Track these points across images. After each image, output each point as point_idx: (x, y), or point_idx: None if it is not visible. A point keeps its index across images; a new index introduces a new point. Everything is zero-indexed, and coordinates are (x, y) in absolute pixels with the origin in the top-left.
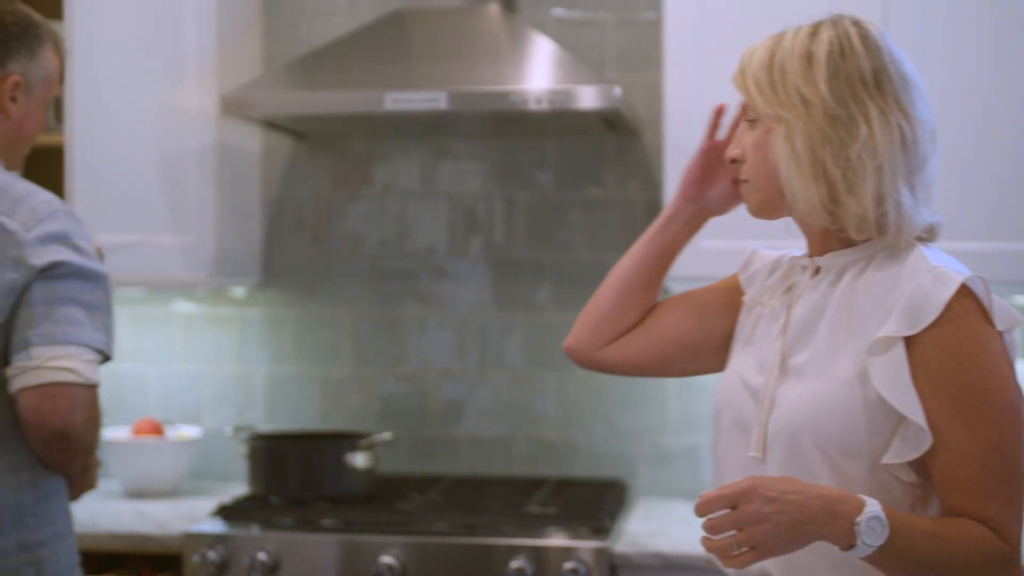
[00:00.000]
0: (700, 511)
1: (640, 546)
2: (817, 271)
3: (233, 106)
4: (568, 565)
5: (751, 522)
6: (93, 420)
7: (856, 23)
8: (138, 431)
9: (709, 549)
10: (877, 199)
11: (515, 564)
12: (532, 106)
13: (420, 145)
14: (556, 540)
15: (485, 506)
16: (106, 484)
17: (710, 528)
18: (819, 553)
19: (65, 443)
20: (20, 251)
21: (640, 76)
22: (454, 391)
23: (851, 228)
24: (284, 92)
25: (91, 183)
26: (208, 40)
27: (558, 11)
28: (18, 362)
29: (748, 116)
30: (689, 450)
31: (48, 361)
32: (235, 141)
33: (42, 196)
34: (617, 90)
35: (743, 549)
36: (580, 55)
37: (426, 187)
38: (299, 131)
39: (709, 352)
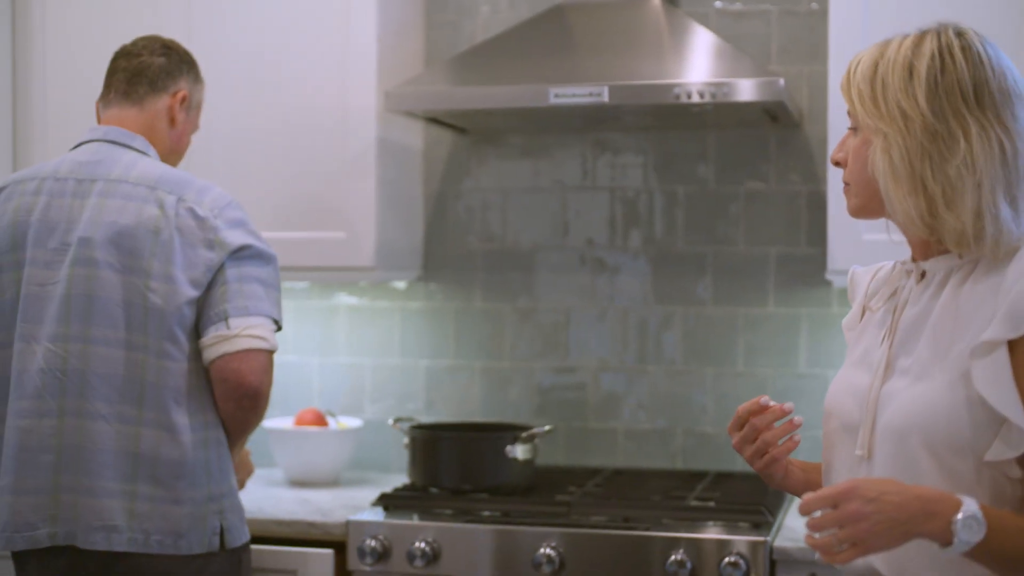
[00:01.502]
0: (803, 510)
1: (801, 541)
2: (923, 276)
3: (396, 102)
4: (728, 559)
5: (852, 520)
6: (271, 382)
7: (960, 34)
8: (301, 421)
9: (813, 546)
10: (976, 214)
11: (674, 557)
12: (694, 99)
13: (581, 139)
14: (715, 534)
15: (644, 499)
16: (270, 472)
17: (813, 526)
18: (922, 550)
19: (255, 401)
20: (215, 235)
21: (803, 68)
22: (613, 384)
23: (949, 241)
24: (446, 88)
25: (257, 178)
26: (370, 37)
27: (719, 3)
28: (217, 331)
29: (852, 123)
30: None
31: (244, 330)
32: (397, 136)
33: (216, 187)
34: (780, 82)
35: (845, 546)
36: (742, 47)
37: (586, 181)
38: (460, 126)
39: None
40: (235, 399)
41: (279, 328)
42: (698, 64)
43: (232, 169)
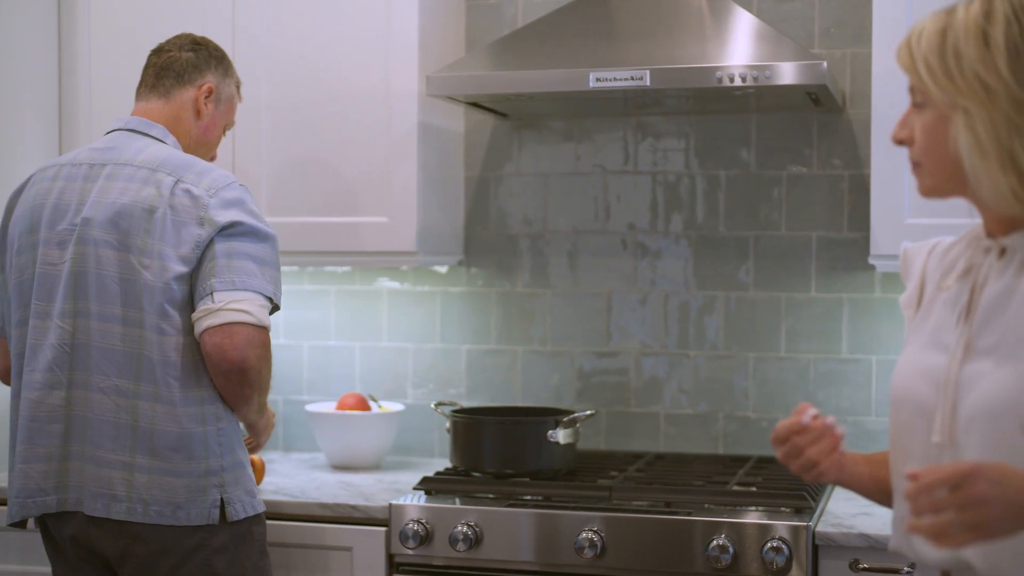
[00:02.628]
0: (919, 492)
1: (844, 527)
2: (1002, 252)
3: (437, 86)
4: (770, 544)
5: (975, 503)
6: (266, 358)
7: None
8: (343, 405)
9: (919, 530)
10: None
11: (716, 541)
12: (736, 83)
13: (622, 123)
14: (757, 518)
15: (685, 483)
16: (313, 456)
17: (930, 508)
18: (1019, 544)
19: (243, 376)
20: (205, 212)
21: (847, 51)
22: (654, 368)
23: None
24: (487, 72)
25: (300, 163)
26: (412, 22)
27: None
28: (203, 306)
29: (916, 99)
30: None
31: (228, 304)
32: (439, 121)
33: (220, 171)
34: (823, 65)
35: (960, 530)
36: (785, 30)
37: (628, 165)
38: (501, 110)
39: None
40: (223, 373)
41: (276, 307)
42: (740, 47)
43: (275, 155)
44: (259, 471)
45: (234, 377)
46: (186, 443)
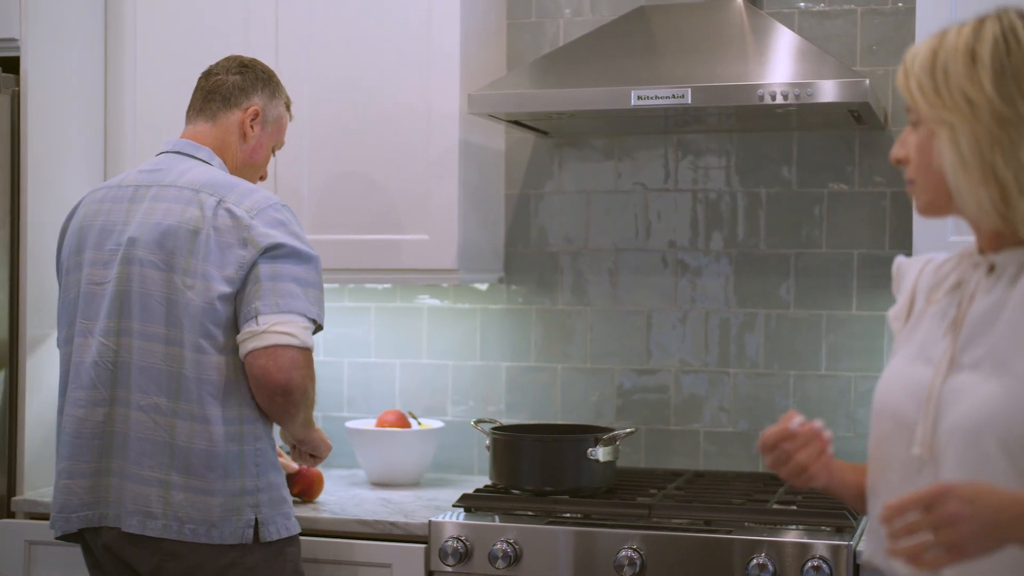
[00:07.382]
0: (891, 515)
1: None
2: (991, 268)
3: (478, 105)
4: (810, 563)
5: (949, 523)
6: (310, 377)
7: (1023, 15)
8: (383, 422)
9: (897, 554)
10: None
11: (756, 560)
12: (778, 100)
13: (663, 141)
14: (797, 537)
15: (725, 501)
16: (352, 473)
17: (904, 531)
18: (997, 560)
19: (288, 396)
20: (248, 233)
21: (890, 68)
22: (694, 386)
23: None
24: (528, 90)
25: (341, 181)
26: (453, 41)
27: (803, 3)
28: (248, 328)
29: (911, 118)
30: None
31: (273, 327)
32: (480, 139)
33: (263, 192)
34: (866, 83)
35: (937, 552)
36: (827, 48)
37: (668, 183)
38: (542, 128)
39: None
40: (267, 394)
41: (319, 327)
42: (781, 65)
43: (316, 172)
44: (318, 484)
45: (278, 398)
46: (221, 462)
